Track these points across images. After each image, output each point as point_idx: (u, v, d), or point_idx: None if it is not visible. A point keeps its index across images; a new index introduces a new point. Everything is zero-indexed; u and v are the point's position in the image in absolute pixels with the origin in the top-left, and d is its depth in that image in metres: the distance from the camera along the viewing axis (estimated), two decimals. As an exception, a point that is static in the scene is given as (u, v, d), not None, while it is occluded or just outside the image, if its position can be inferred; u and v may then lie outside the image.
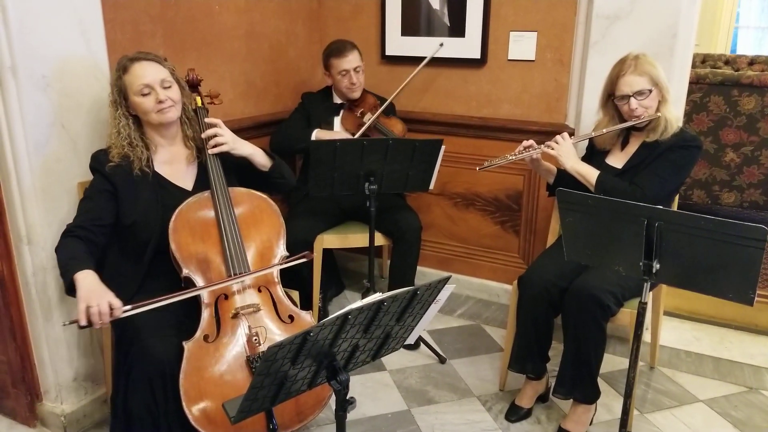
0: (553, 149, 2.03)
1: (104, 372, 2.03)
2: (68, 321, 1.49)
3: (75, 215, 1.72)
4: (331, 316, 1.13)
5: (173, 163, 1.83)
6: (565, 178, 2.13)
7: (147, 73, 1.71)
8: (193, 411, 1.49)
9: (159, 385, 1.52)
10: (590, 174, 1.99)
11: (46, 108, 1.76)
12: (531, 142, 2.09)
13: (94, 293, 1.47)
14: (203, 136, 1.82)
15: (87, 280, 1.51)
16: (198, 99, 1.95)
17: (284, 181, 1.93)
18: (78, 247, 1.61)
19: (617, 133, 2.08)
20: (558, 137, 2.05)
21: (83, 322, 1.44)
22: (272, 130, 2.69)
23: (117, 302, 1.47)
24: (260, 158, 1.88)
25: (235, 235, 1.72)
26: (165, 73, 1.74)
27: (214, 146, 1.80)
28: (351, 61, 2.52)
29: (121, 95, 1.73)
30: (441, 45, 2.69)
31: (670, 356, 2.49)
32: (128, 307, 1.48)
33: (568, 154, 2.02)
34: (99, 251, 1.69)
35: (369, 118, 2.54)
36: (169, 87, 1.74)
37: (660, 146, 1.96)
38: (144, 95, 1.71)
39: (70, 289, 1.53)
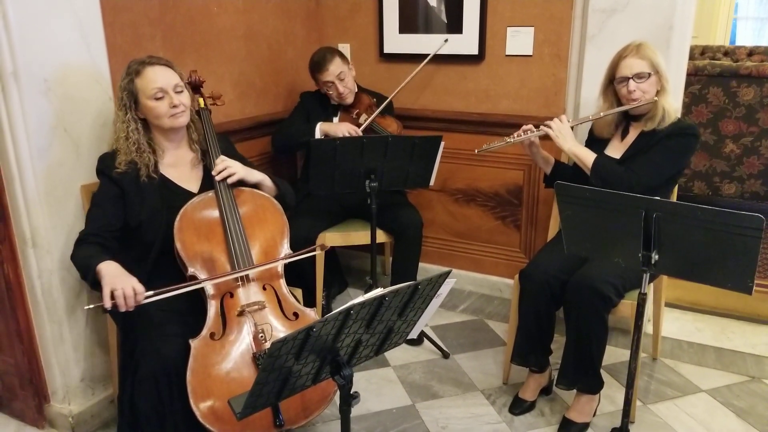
0: (552, 129, 2.04)
1: (111, 372, 2.05)
2: (93, 305, 1.53)
3: (85, 223, 1.75)
4: (333, 312, 1.15)
5: (178, 166, 1.85)
6: (561, 169, 2.15)
7: (161, 77, 1.72)
8: (201, 408, 1.50)
9: (165, 384, 1.54)
10: (587, 157, 2.01)
11: (48, 112, 1.78)
12: (530, 126, 2.11)
13: (119, 278, 1.53)
14: (214, 173, 1.80)
15: (110, 267, 1.57)
16: (201, 100, 1.96)
17: (285, 205, 1.94)
18: (93, 249, 1.66)
19: (616, 123, 2.10)
20: (556, 119, 2.07)
21: (108, 305, 1.49)
22: (272, 130, 2.70)
23: (140, 287, 1.52)
24: (269, 184, 1.92)
25: (240, 233, 1.74)
26: (177, 78, 1.76)
27: (227, 176, 1.80)
28: (332, 71, 2.51)
29: (131, 98, 1.73)
30: (446, 41, 2.69)
31: (673, 347, 2.50)
32: (150, 293, 1.53)
33: (565, 135, 2.04)
34: (113, 255, 1.72)
35: (365, 120, 2.55)
36: (181, 92, 1.76)
37: (657, 135, 1.97)
38: (158, 99, 1.72)
39: (95, 282, 1.57)
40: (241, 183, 1.86)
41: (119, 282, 1.50)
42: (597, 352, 1.90)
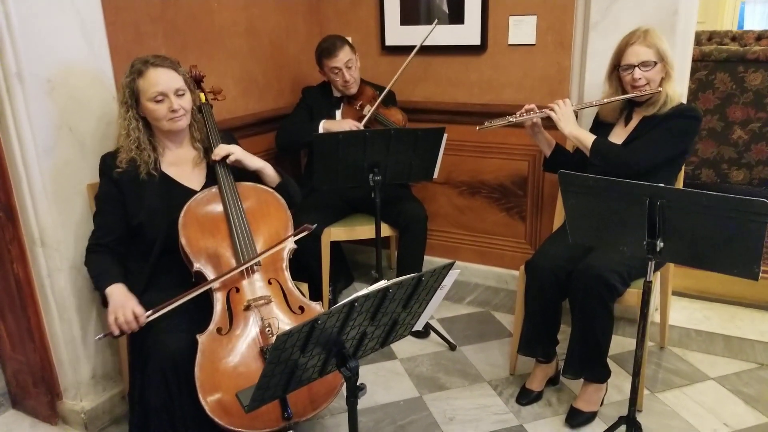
0: (554, 112, 2.04)
1: (121, 368, 2.07)
2: (102, 334, 1.63)
3: (93, 229, 1.80)
4: (338, 304, 1.15)
5: (180, 165, 1.86)
6: (562, 153, 2.15)
7: (162, 81, 1.71)
8: (209, 402, 1.52)
9: (173, 379, 1.56)
10: (587, 139, 2.01)
11: (52, 112, 1.79)
12: (533, 106, 2.11)
13: (119, 305, 1.61)
14: (212, 156, 1.81)
15: (114, 293, 1.65)
16: (202, 95, 1.97)
17: (289, 198, 1.93)
18: (105, 260, 1.74)
19: (620, 109, 2.09)
20: (559, 101, 2.07)
21: (115, 333, 1.59)
22: (275, 126, 2.71)
23: (140, 309, 1.60)
24: (270, 172, 1.90)
25: (244, 227, 1.75)
26: (180, 81, 1.75)
27: (226, 155, 1.80)
28: (341, 58, 2.51)
29: (132, 97, 1.73)
30: (436, 21, 2.63)
31: (681, 335, 2.49)
32: (149, 312, 1.59)
33: (567, 118, 2.04)
34: (123, 257, 1.80)
35: (368, 111, 2.55)
36: (183, 95, 1.75)
37: (658, 118, 1.97)
38: (157, 102, 1.72)
39: (105, 301, 1.66)
40: (242, 175, 1.86)
41: (120, 310, 1.59)
42: (603, 342, 1.90)
